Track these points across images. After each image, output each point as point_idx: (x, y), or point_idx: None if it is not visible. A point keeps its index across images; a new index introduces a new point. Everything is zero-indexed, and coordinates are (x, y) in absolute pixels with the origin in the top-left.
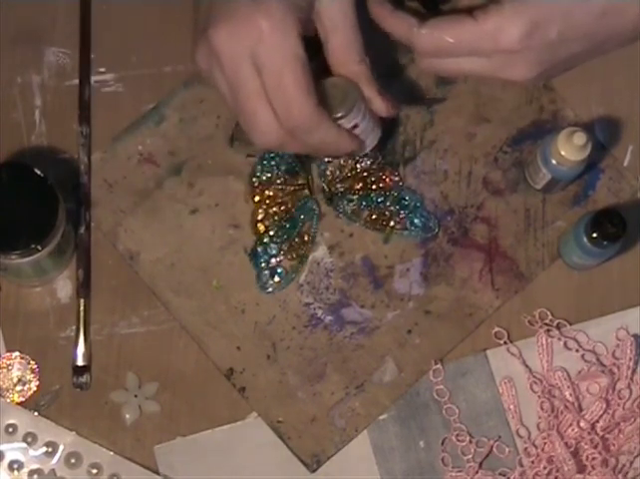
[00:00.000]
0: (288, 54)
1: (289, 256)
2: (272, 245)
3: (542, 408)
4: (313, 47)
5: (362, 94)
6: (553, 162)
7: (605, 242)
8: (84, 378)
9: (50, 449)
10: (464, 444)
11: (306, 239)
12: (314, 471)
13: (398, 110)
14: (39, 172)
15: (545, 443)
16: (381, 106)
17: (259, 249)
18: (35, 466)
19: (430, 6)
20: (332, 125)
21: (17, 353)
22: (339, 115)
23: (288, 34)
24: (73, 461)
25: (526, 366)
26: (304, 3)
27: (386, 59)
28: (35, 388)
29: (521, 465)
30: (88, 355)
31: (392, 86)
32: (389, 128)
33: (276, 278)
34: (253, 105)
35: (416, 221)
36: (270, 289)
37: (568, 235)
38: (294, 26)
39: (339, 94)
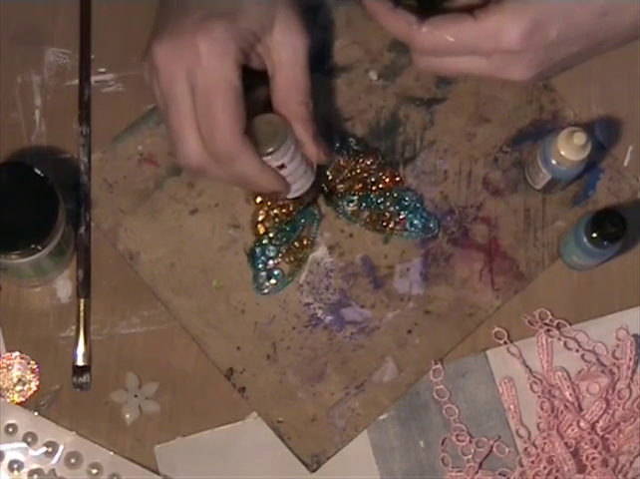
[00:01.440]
0: (221, 78)
1: (287, 260)
2: (271, 248)
3: (542, 408)
4: (261, 81)
5: (296, 136)
6: (553, 162)
7: (605, 243)
8: (84, 378)
9: (50, 449)
10: (464, 444)
11: (305, 243)
12: (314, 471)
13: (329, 158)
14: (39, 172)
15: (545, 443)
16: (312, 151)
17: (257, 251)
18: (35, 466)
19: (427, 5)
20: (255, 158)
21: (17, 353)
22: (266, 151)
23: (225, 59)
24: (73, 461)
25: (526, 366)
26: (249, 35)
27: (385, 59)
28: (35, 388)
29: (521, 465)
30: (88, 355)
31: (392, 86)
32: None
33: (272, 281)
34: (181, 123)
35: (416, 221)
36: (266, 291)
37: (568, 235)
38: (233, 53)
39: (270, 131)
